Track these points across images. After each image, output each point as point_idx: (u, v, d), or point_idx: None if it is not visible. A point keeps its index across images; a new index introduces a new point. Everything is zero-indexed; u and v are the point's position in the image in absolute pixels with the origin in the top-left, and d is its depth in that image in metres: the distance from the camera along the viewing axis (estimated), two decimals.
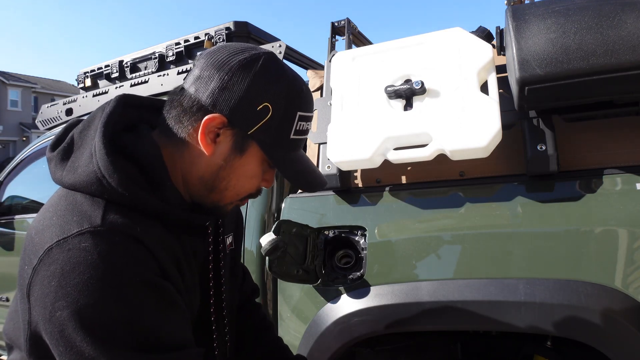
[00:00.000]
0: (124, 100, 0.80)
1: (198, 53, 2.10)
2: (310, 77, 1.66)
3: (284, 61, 1.79)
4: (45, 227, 0.68)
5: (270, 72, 0.74)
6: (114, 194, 0.68)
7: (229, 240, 1.02)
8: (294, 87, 0.76)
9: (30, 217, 2.38)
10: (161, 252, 0.71)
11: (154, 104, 0.85)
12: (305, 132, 0.80)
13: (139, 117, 0.82)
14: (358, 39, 1.86)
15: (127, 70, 2.36)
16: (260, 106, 0.72)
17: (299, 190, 1.51)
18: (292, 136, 0.77)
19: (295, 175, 0.80)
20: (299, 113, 0.76)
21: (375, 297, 1.27)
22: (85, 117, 0.80)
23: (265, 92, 0.73)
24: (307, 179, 0.82)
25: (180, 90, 0.77)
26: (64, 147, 0.76)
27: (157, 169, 0.75)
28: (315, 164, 1.48)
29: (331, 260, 1.38)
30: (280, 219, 1.35)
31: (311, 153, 1.52)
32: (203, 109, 0.73)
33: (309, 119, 0.80)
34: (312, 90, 1.61)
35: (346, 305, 1.30)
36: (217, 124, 0.73)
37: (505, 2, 1.35)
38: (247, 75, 0.72)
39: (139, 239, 0.67)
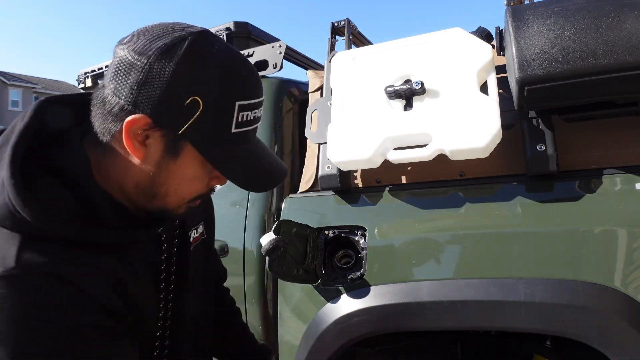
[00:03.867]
0: (45, 106, 0.69)
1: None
2: (310, 77, 1.66)
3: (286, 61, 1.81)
4: None
5: (198, 57, 0.62)
6: (29, 227, 0.60)
7: (199, 230, 0.94)
8: (229, 72, 0.64)
9: None
10: (93, 284, 0.63)
11: (86, 99, 0.71)
12: (253, 121, 0.69)
13: (70, 119, 0.71)
14: (358, 39, 1.86)
15: None
16: (188, 101, 0.61)
17: (299, 190, 1.51)
18: (233, 130, 0.66)
19: (238, 175, 0.69)
20: (237, 103, 0.65)
21: (375, 297, 1.27)
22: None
23: (192, 83, 0.62)
24: (255, 178, 0.71)
25: (102, 86, 0.66)
26: None
27: (86, 186, 0.66)
28: (315, 164, 1.48)
29: (331, 260, 1.38)
30: (280, 219, 1.36)
31: (311, 153, 1.53)
32: (125, 110, 0.63)
33: (255, 107, 0.68)
34: (312, 90, 1.61)
35: (346, 305, 1.30)
36: (141, 126, 0.63)
37: (505, 2, 1.35)
38: (169, 64, 0.61)
39: (61, 277, 0.60)
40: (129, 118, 0.62)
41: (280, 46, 1.81)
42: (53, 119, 0.69)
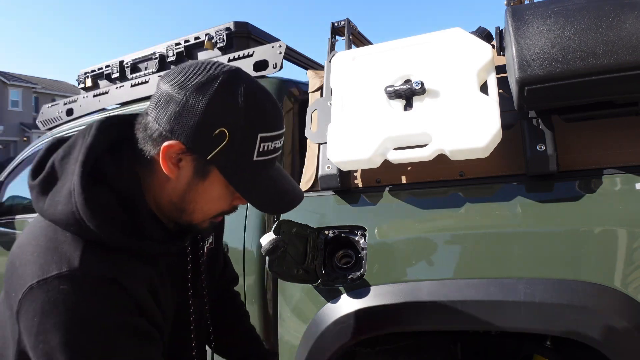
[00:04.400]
0: (105, 124, 0.80)
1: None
2: (310, 77, 1.66)
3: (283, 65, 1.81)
4: (27, 262, 0.70)
5: (227, 94, 0.72)
6: (92, 235, 0.71)
7: (210, 240, 1.05)
8: (253, 108, 0.73)
9: (30, 217, 2.38)
10: (137, 287, 0.73)
11: (131, 120, 0.83)
12: (273, 151, 0.78)
13: (122, 135, 0.81)
14: (358, 39, 1.86)
15: (128, 70, 2.36)
16: (216, 132, 0.71)
17: None
18: (255, 158, 0.75)
19: (256, 198, 0.78)
20: (260, 135, 0.74)
21: (375, 297, 1.27)
22: (68, 131, 0.81)
23: (221, 116, 0.71)
24: (271, 202, 0.80)
25: (146, 113, 0.77)
26: (44, 177, 0.76)
27: (135, 199, 0.77)
28: (315, 164, 1.48)
29: (331, 260, 1.38)
30: (280, 219, 1.36)
31: (311, 153, 1.53)
32: (162, 136, 0.73)
33: (275, 138, 0.77)
34: (312, 90, 1.61)
35: (346, 305, 1.30)
36: (176, 151, 0.73)
37: (505, 2, 1.35)
38: (202, 100, 0.70)
39: (116, 280, 0.70)
40: (166, 143, 0.73)
41: (280, 46, 1.81)
42: (109, 137, 0.80)
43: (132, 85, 2.23)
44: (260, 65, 1.82)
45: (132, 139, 0.79)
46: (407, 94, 1.26)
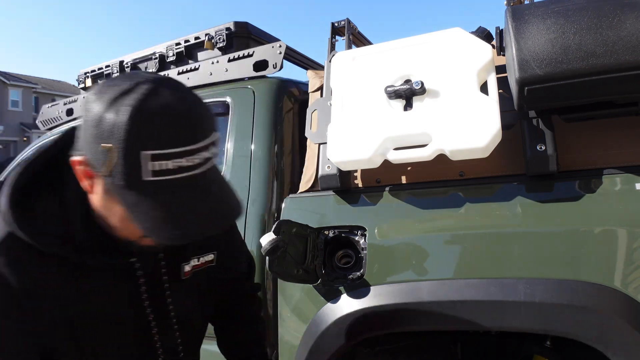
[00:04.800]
0: (71, 134, 0.79)
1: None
2: (310, 77, 1.66)
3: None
4: None
5: (117, 107, 0.66)
6: (14, 229, 0.73)
7: (207, 258, 0.99)
8: (141, 123, 0.65)
9: None
10: (32, 297, 0.73)
11: None
12: (180, 170, 0.67)
13: None
14: (358, 39, 1.86)
15: (128, 70, 2.36)
16: (103, 146, 0.66)
17: (299, 190, 1.51)
18: (147, 178, 0.66)
19: (143, 223, 0.68)
20: (146, 152, 0.65)
21: (375, 297, 1.27)
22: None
23: (107, 130, 0.65)
24: (163, 228, 0.69)
25: None
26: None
27: (71, 206, 0.77)
28: (315, 164, 1.48)
29: (331, 260, 1.38)
30: (280, 219, 1.36)
31: (311, 153, 1.53)
32: (77, 149, 0.72)
33: (177, 156, 0.66)
34: (312, 90, 1.61)
35: (346, 305, 1.30)
36: (80, 165, 0.71)
37: (505, 2, 1.35)
38: (92, 112, 0.67)
39: (6, 282, 0.71)
40: (72, 157, 0.72)
41: (280, 46, 1.81)
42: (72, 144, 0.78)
43: None
44: (260, 65, 1.82)
45: None
46: (407, 94, 1.26)
